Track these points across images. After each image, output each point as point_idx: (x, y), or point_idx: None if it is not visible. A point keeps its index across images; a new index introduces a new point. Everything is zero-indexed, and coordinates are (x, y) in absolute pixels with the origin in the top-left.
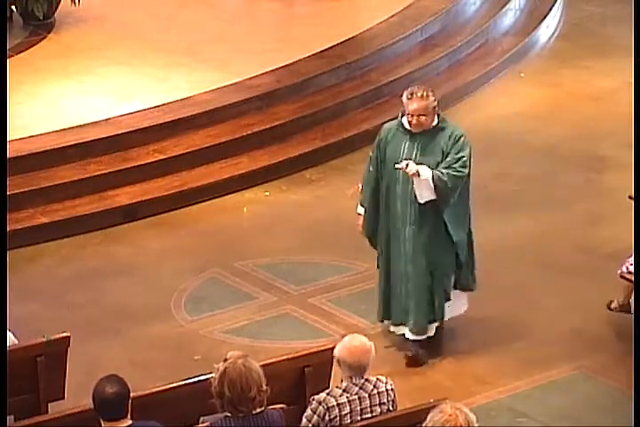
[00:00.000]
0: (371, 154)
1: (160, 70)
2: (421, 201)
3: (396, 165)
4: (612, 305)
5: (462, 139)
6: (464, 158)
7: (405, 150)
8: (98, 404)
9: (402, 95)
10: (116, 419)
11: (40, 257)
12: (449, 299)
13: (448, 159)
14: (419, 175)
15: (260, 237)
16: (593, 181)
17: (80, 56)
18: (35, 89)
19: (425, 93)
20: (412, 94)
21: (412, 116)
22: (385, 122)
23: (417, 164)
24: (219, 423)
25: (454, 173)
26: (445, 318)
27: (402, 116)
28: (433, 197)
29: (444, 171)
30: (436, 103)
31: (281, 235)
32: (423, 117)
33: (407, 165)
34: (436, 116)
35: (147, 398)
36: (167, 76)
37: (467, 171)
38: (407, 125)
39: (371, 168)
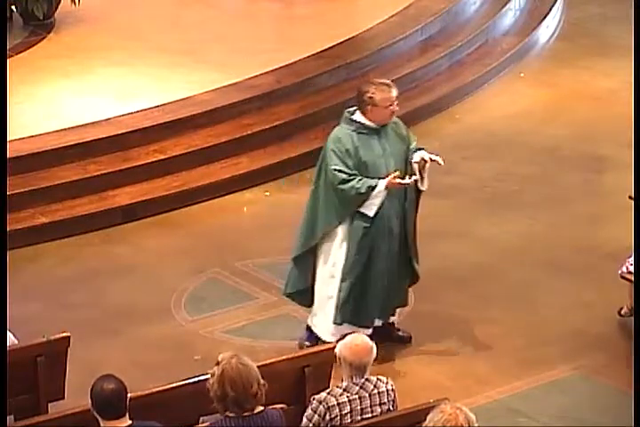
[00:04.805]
0: (337, 166)
1: (160, 70)
2: (425, 187)
3: (405, 181)
4: (623, 311)
5: None
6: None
7: (379, 149)
8: (96, 403)
9: (365, 92)
10: (115, 417)
11: (40, 257)
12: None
13: (413, 143)
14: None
15: (260, 237)
16: (593, 181)
17: (80, 56)
18: (35, 89)
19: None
20: (386, 85)
21: (391, 105)
22: None
23: (390, 156)
24: (219, 423)
25: None
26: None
27: (352, 115)
28: None
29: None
30: None
31: (281, 235)
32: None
33: (410, 176)
34: None
35: (147, 398)
36: (167, 76)
37: None
38: (371, 123)
39: (346, 176)
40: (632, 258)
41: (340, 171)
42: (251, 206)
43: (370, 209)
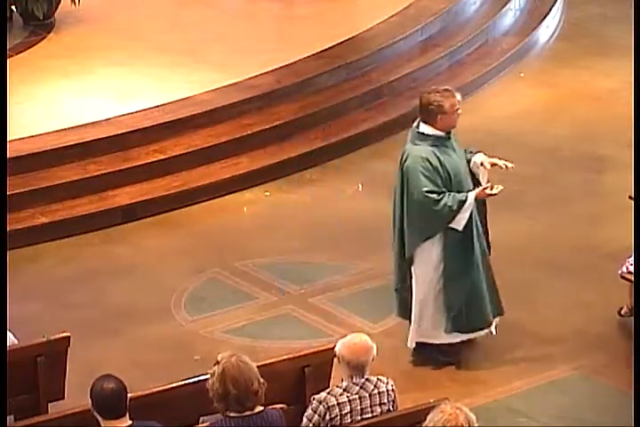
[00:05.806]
0: (427, 188)
1: (160, 70)
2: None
3: (494, 191)
4: (623, 311)
5: None
6: None
7: (455, 156)
8: (96, 402)
9: (432, 102)
10: (115, 417)
11: (40, 257)
12: None
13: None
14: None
15: (260, 237)
16: (593, 182)
17: (80, 56)
18: (35, 89)
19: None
20: (449, 91)
21: (458, 110)
22: (384, 124)
23: (461, 160)
24: (219, 423)
25: None
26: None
27: (417, 127)
28: None
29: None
30: None
31: (281, 235)
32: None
33: (491, 187)
34: None
35: (147, 398)
36: (167, 76)
37: None
38: (442, 133)
39: (436, 195)
40: (632, 258)
41: (430, 191)
42: (251, 206)
43: (460, 224)
